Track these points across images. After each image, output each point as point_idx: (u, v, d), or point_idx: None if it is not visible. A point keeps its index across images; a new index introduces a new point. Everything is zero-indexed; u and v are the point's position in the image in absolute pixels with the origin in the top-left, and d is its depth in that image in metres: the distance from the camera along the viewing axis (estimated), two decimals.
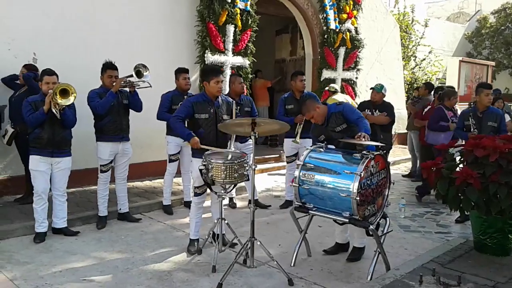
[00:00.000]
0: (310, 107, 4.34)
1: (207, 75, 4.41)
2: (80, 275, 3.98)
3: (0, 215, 5.31)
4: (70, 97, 4.64)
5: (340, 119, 4.27)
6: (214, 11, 7.67)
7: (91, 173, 5.80)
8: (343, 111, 4.28)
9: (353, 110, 4.34)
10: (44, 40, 6.21)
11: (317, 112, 4.30)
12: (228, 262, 4.06)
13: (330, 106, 4.41)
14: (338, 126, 4.27)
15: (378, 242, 3.91)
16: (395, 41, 12.74)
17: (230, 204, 6.32)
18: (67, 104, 4.67)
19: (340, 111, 4.29)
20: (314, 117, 4.31)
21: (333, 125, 4.29)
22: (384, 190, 4.11)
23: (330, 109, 4.35)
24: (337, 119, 4.28)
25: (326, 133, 4.33)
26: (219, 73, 4.44)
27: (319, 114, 4.30)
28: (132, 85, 5.19)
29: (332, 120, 4.30)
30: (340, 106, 4.36)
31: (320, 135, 4.38)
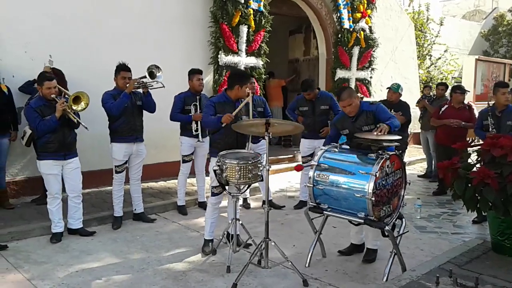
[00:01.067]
0: (353, 94, 4.26)
1: (243, 80, 4.45)
2: (96, 275, 4.02)
3: (18, 215, 5.39)
4: (82, 103, 4.74)
5: (370, 119, 4.19)
6: (228, 12, 7.69)
7: (106, 174, 5.85)
8: (375, 111, 4.21)
9: (386, 110, 4.26)
10: (59, 43, 6.28)
11: (355, 103, 4.22)
12: (242, 263, 4.06)
13: (363, 103, 4.33)
14: (366, 126, 4.19)
15: (394, 243, 3.87)
16: (410, 40, 12.62)
17: (244, 204, 6.32)
18: (80, 110, 4.75)
19: (372, 110, 4.22)
20: (352, 106, 4.21)
21: (361, 123, 4.22)
22: (399, 191, 4.07)
23: (362, 106, 4.28)
24: (367, 118, 4.21)
25: (351, 128, 4.25)
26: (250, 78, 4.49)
27: (356, 105, 4.22)
28: (145, 86, 5.23)
29: (361, 118, 4.23)
30: (373, 106, 4.28)
31: (345, 128, 4.32)
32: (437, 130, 7.28)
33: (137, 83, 5.19)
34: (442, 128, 7.02)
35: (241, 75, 4.61)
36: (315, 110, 6.11)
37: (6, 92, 5.63)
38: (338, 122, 4.46)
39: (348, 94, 4.23)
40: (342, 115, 4.42)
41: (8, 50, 5.90)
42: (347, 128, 4.31)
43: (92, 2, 6.59)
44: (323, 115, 6.12)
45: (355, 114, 4.25)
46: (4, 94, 5.59)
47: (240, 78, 4.49)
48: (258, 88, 8.27)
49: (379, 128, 3.92)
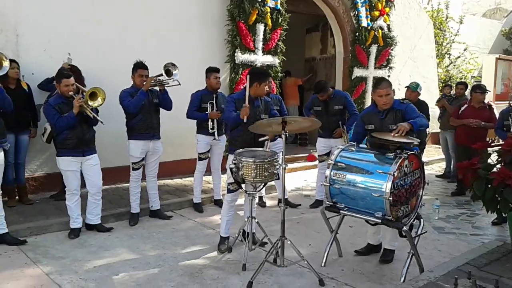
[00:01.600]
0: (391, 85, 4.17)
1: (262, 78, 4.46)
2: (113, 271, 4.06)
3: (37, 211, 5.47)
4: (98, 99, 4.79)
5: (398, 118, 4.09)
6: (244, 10, 7.68)
7: (123, 170, 5.91)
8: (404, 110, 4.11)
9: (415, 110, 4.15)
10: (78, 41, 6.35)
11: (392, 95, 4.15)
12: (258, 261, 4.06)
13: (395, 101, 4.22)
14: (393, 124, 4.07)
15: (411, 243, 3.83)
16: (429, 38, 12.46)
17: (260, 203, 6.31)
18: (96, 105, 4.80)
19: (401, 109, 4.13)
20: (389, 97, 4.11)
21: (389, 121, 4.11)
22: (418, 191, 4.02)
23: (393, 103, 4.18)
24: (396, 116, 4.11)
25: (378, 125, 4.16)
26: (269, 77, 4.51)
27: (392, 98, 4.14)
28: (162, 84, 5.26)
29: (390, 116, 4.14)
30: (403, 105, 4.18)
31: (371, 124, 4.22)
32: (457, 130, 7.18)
33: (154, 81, 5.22)
34: (461, 128, 6.92)
35: (260, 73, 4.61)
36: (328, 110, 6.07)
37: (26, 90, 5.72)
38: (365, 116, 4.34)
39: (388, 84, 4.15)
40: (370, 110, 4.32)
41: (28, 48, 5.99)
42: (373, 124, 4.21)
43: (110, 2, 6.65)
44: (337, 115, 6.08)
45: (385, 110, 4.15)
46: (24, 92, 5.68)
47: (258, 76, 4.49)
48: (274, 86, 8.25)
49: (397, 129, 3.87)
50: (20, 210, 5.47)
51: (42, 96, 5.92)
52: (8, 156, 5.39)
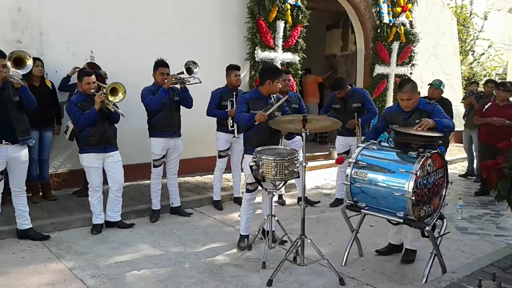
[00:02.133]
0: (415, 88, 4.07)
1: (275, 75, 4.41)
2: (135, 267, 4.10)
3: (60, 207, 5.56)
4: (119, 94, 4.85)
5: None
6: (265, 7, 7.66)
7: (145, 167, 5.96)
8: (431, 111, 4.01)
9: (442, 111, 4.05)
10: (100, 40, 6.43)
11: (416, 98, 4.04)
12: (277, 259, 4.05)
13: (420, 100, 4.13)
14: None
15: (434, 243, 3.77)
16: (452, 35, 12.24)
17: (279, 201, 6.30)
18: (117, 101, 4.85)
19: (428, 110, 4.03)
20: (412, 101, 4.02)
21: (414, 121, 4.01)
22: (441, 190, 3.95)
23: (419, 103, 4.09)
24: (421, 117, 3.99)
25: (401, 124, 4.08)
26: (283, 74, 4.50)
27: (415, 102, 4.04)
28: (183, 82, 5.29)
29: (414, 116, 4.04)
30: (430, 105, 4.07)
31: (395, 123, 4.15)
32: (480, 129, 7.04)
33: (175, 79, 5.25)
34: (485, 127, 6.78)
35: (272, 70, 4.55)
36: (347, 108, 6.02)
37: (50, 87, 5.82)
38: (388, 115, 4.29)
39: (411, 88, 4.03)
40: (395, 109, 4.24)
41: (52, 46, 6.09)
42: (397, 123, 4.13)
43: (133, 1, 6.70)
44: (356, 112, 6.00)
45: (410, 110, 4.07)
46: (48, 89, 5.78)
47: (271, 73, 4.45)
48: (294, 84, 8.22)
49: (420, 122, 3.80)
50: (43, 206, 5.57)
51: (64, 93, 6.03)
52: (32, 152, 5.50)
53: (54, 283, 3.75)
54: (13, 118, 4.34)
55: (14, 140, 4.36)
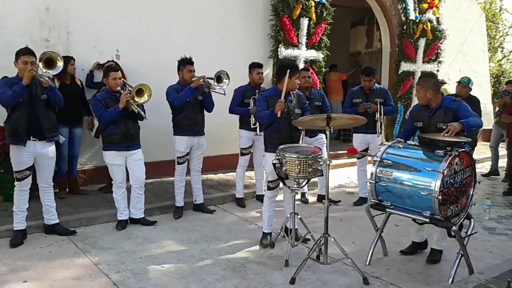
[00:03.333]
0: (427, 84, 4.03)
1: (291, 71, 4.36)
2: (158, 262, 4.14)
3: (86, 203, 5.66)
4: (145, 95, 4.90)
5: (448, 117, 3.94)
6: (288, 5, 7.62)
7: (168, 164, 6.02)
8: (456, 109, 3.95)
9: (468, 109, 3.98)
10: (126, 39, 6.51)
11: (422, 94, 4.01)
12: (300, 257, 4.04)
13: (446, 98, 4.09)
14: (442, 123, 3.93)
15: (461, 243, 3.69)
16: (481, 31, 11.96)
17: (302, 199, 6.28)
18: (142, 102, 4.91)
19: (453, 108, 3.96)
20: (419, 95, 4.05)
21: (438, 119, 3.98)
22: (468, 189, 3.87)
23: (444, 101, 4.04)
24: (445, 115, 3.95)
25: (426, 123, 4.06)
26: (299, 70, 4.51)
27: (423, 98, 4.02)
28: (209, 87, 5.31)
29: (439, 113, 3.99)
30: (455, 103, 4.00)
31: (419, 121, 4.13)
32: (509, 127, 6.86)
33: (203, 81, 5.27)
34: None
35: (289, 66, 4.50)
36: (369, 102, 5.92)
37: (80, 85, 5.92)
38: (414, 112, 4.27)
39: (422, 84, 4.05)
40: (419, 107, 4.21)
41: (79, 45, 6.19)
42: (421, 121, 4.11)
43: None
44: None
45: (433, 108, 4.02)
46: (78, 87, 5.87)
47: (287, 70, 4.42)
48: (318, 81, 8.16)
49: (447, 129, 3.73)
50: (70, 201, 5.68)
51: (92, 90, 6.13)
52: (62, 149, 5.63)
53: (80, 277, 3.82)
54: (40, 115, 4.43)
55: (41, 136, 4.45)
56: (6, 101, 4.23)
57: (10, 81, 4.32)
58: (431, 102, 4.03)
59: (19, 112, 4.33)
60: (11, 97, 4.20)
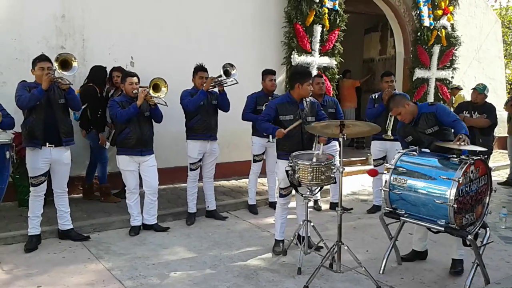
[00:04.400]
0: (399, 102, 4.12)
1: (303, 77, 4.37)
2: (171, 269, 4.14)
3: (100, 208, 5.70)
4: (162, 88, 4.99)
5: (431, 121, 4.00)
6: (302, 12, 7.63)
7: (181, 171, 6.03)
8: (436, 112, 4.01)
9: (448, 111, 4.05)
10: (140, 45, 6.58)
11: (405, 109, 4.07)
12: (313, 265, 4.01)
13: (421, 105, 4.15)
14: (429, 128, 4.01)
15: (476, 253, 3.63)
16: (496, 37, 11.84)
17: (315, 206, 6.24)
18: (161, 96, 4.96)
19: (432, 112, 4.02)
20: (402, 114, 4.09)
21: (423, 126, 4.04)
22: (484, 198, 3.80)
23: (421, 108, 4.10)
24: (428, 120, 4.02)
25: (414, 134, 4.11)
26: (312, 76, 4.46)
27: (408, 112, 4.07)
28: (221, 83, 5.34)
29: (422, 121, 4.05)
30: (433, 107, 4.08)
31: (408, 136, 4.16)
32: None
33: (214, 82, 5.30)
34: None
35: (300, 73, 4.49)
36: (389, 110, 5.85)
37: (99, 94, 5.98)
38: (399, 131, 4.31)
39: (395, 103, 4.12)
40: (401, 123, 4.24)
41: (94, 52, 6.27)
42: (409, 134, 4.14)
43: (170, 6, 6.82)
44: None
45: (413, 119, 4.09)
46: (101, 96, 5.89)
47: (299, 76, 4.41)
48: (331, 88, 8.14)
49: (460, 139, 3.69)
50: (84, 207, 5.72)
51: None
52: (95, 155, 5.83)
53: (93, 283, 3.83)
54: (58, 119, 4.48)
55: (57, 141, 4.50)
56: (23, 103, 4.29)
57: (28, 85, 4.40)
58: (413, 113, 4.08)
59: (36, 115, 4.39)
60: (28, 100, 4.26)
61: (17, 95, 4.30)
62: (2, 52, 5.68)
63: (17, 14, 5.75)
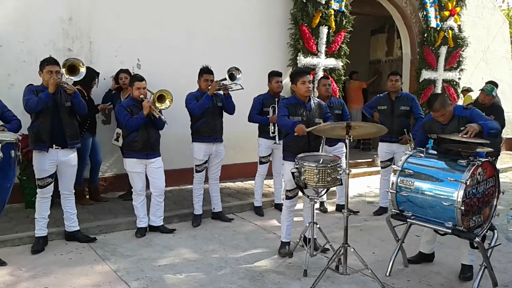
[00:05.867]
0: (446, 103, 3.95)
1: (294, 77, 4.42)
2: (177, 270, 4.15)
3: (106, 210, 5.72)
4: (166, 101, 4.99)
5: (462, 125, 3.85)
6: (308, 13, 7.62)
7: (187, 172, 6.03)
8: (469, 116, 3.90)
9: (481, 115, 3.93)
10: (147, 48, 6.60)
11: (450, 110, 3.95)
12: (319, 267, 3.99)
13: (456, 107, 4.04)
14: (457, 132, 3.85)
15: (484, 255, 3.60)
16: (504, 38, 11.77)
17: (321, 208, 6.22)
18: (164, 108, 4.97)
19: (466, 116, 3.91)
20: (445, 116, 3.95)
21: (452, 129, 3.91)
22: (492, 200, 3.78)
23: (455, 110, 3.99)
24: (460, 123, 3.88)
25: (440, 133, 3.98)
26: (304, 74, 4.38)
27: (450, 113, 3.96)
28: (226, 88, 5.34)
29: (453, 124, 3.94)
30: (467, 111, 3.96)
31: (433, 133, 4.07)
32: None
33: (218, 86, 5.31)
34: None
35: (293, 73, 4.49)
36: (394, 110, 5.82)
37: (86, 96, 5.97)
38: (426, 124, 4.19)
39: (441, 104, 3.92)
40: (431, 118, 4.12)
41: (101, 54, 6.30)
42: (435, 132, 4.04)
43: (177, 8, 6.84)
44: (403, 116, 5.80)
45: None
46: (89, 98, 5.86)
47: (292, 77, 4.42)
48: (337, 90, 8.12)
49: (466, 129, 3.66)
50: (91, 208, 5.74)
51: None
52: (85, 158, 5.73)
53: (100, 284, 3.84)
54: (64, 122, 4.50)
55: (64, 144, 4.52)
56: (31, 107, 4.32)
57: (35, 88, 4.43)
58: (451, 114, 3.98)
59: (43, 118, 4.42)
60: (36, 104, 4.29)
61: (24, 99, 4.34)
62: (10, 54, 5.72)
63: (25, 17, 5.78)
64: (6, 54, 5.69)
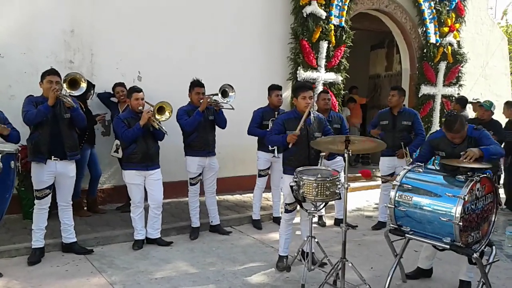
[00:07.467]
0: (465, 125, 3.95)
1: (296, 91, 4.44)
2: (174, 284, 4.12)
3: (104, 221, 5.70)
4: (166, 113, 5.02)
5: (471, 145, 3.88)
6: (308, 28, 7.68)
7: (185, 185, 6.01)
8: (478, 138, 3.92)
9: (489, 137, 3.95)
10: (148, 60, 6.64)
11: (465, 131, 3.95)
12: (317, 282, 3.97)
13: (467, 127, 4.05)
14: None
15: (482, 271, 3.58)
16: (503, 55, 11.85)
17: (319, 222, 6.20)
18: (164, 119, 4.98)
19: (475, 136, 3.93)
20: (463, 137, 3.96)
21: (462, 148, 3.91)
22: (490, 216, 3.77)
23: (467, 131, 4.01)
24: (468, 144, 3.90)
25: (450, 152, 3.99)
26: (307, 89, 4.39)
27: (465, 133, 3.97)
28: (217, 105, 5.35)
29: (463, 144, 3.95)
30: (477, 132, 3.97)
31: (441, 150, 4.07)
32: None
33: (210, 102, 5.31)
34: None
35: (295, 88, 4.52)
36: (395, 125, 5.83)
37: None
38: (434, 141, 4.18)
39: (462, 126, 3.90)
40: (440, 136, 4.12)
41: (102, 67, 6.33)
42: (444, 150, 4.05)
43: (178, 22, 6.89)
44: (404, 131, 5.81)
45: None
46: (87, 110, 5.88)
47: (294, 91, 4.45)
48: (336, 104, 8.14)
49: (466, 154, 3.68)
50: (88, 220, 5.72)
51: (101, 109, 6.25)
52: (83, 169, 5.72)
53: None
54: (63, 134, 4.51)
55: (62, 155, 4.52)
56: (30, 119, 4.33)
57: (35, 100, 4.45)
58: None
59: (42, 130, 4.43)
60: (35, 116, 4.31)
61: (24, 110, 4.35)
62: (11, 66, 5.75)
63: (27, 28, 5.82)
64: (7, 65, 5.73)
